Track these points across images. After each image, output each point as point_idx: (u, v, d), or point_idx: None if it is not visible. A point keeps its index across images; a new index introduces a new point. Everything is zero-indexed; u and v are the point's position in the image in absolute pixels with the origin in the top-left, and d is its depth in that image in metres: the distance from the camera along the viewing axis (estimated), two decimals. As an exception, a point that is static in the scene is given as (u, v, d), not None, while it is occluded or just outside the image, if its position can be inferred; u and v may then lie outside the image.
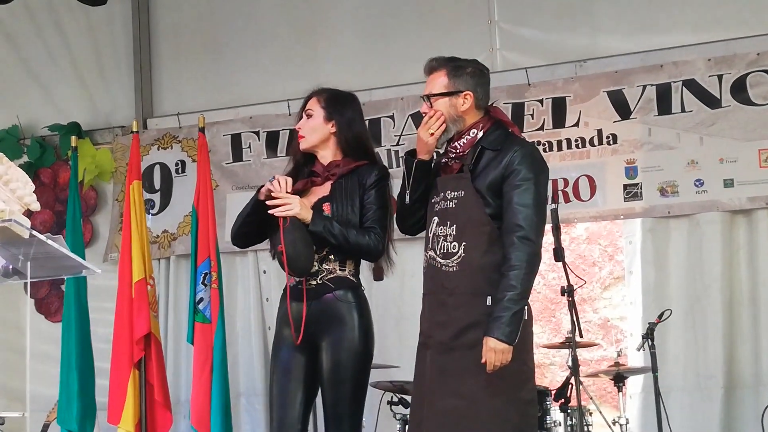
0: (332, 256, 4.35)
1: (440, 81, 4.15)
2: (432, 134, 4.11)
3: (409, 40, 6.88)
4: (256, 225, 4.49)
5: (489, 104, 4.22)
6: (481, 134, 4.11)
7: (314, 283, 4.34)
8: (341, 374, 4.27)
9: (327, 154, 4.50)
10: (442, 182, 4.15)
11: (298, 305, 4.34)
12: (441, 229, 4.06)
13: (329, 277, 4.35)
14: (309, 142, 4.48)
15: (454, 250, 4.00)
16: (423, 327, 4.14)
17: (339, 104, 4.52)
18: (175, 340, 7.02)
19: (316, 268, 4.34)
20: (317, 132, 4.47)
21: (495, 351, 3.87)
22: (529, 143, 4.21)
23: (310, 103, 4.52)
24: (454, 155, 4.14)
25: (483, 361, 3.89)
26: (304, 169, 4.55)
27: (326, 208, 4.37)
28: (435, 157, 4.22)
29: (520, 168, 3.98)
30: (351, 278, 4.39)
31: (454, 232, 4.03)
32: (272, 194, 4.32)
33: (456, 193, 4.05)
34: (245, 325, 7.01)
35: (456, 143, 4.14)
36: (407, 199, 4.23)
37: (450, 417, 3.93)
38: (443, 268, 4.04)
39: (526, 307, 3.95)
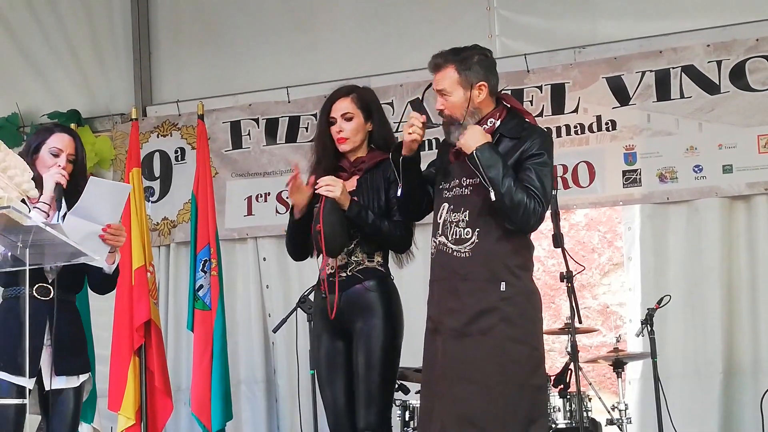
0: (360, 248, 4.46)
1: (451, 77, 4.10)
2: (414, 139, 4.13)
3: (408, 27, 6.88)
4: (301, 239, 4.61)
5: (498, 90, 4.21)
6: (498, 123, 4.11)
7: (344, 275, 4.45)
8: (372, 361, 4.37)
9: (358, 151, 4.61)
10: (457, 168, 4.14)
11: (332, 297, 4.46)
12: (453, 215, 4.06)
13: (358, 268, 4.46)
14: (354, 144, 4.57)
15: (467, 236, 4.01)
16: (432, 313, 4.13)
17: (372, 103, 4.64)
18: (175, 327, 7.03)
19: (346, 260, 4.45)
20: (360, 134, 4.58)
21: (473, 132, 3.98)
22: (547, 132, 4.29)
23: (345, 104, 4.58)
24: None
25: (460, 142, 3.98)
26: (323, 162, 4.62)
27: None
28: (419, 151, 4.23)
29: (542, 151, 4.03)
30: (380, 269, 4.49)
31: (467, 218, 4.03)
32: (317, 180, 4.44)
33: (472, 180, 4.05)
34: (245, 313, 7.01)
35: None
36: (399, 192, 4.27)
37: (463, 403, 3.93)
38: (455, 254, 4.03)
39: (497, 186, 3.92)
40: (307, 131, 6.87)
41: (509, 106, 4.20)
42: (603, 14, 6.53)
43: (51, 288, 4.21)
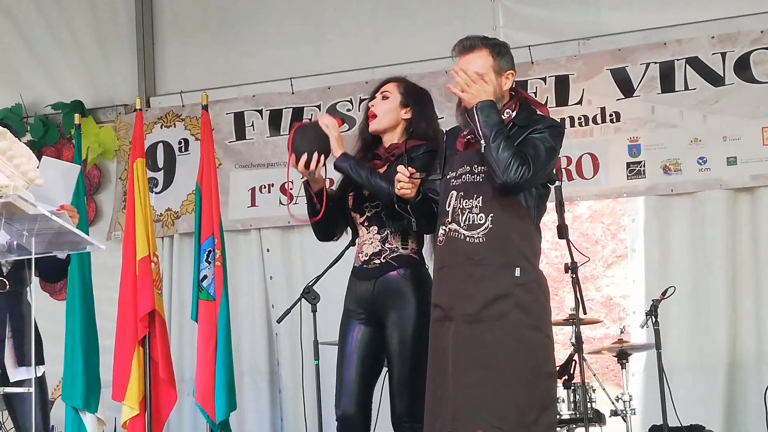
0: (394, 235, 4.45)
1: (484, 60, 4.12)
2: (405, 195, 4.17)
3: (412, 18, 6.87)
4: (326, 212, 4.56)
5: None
6: (514, 114, 4.13)
7: (378, 262, 4.46)
8: (405, 350, 4.38)
9: (393, 138, 4.58)
10: (466, 157, 4.14)
11: (363, 283, 4.48)
12: (465, 202, 4.05)
13: (392, 255, 4.46)
14: (380, 124, 4.55)
15: (481, 222, 4.00)
16: (440, 300, 4.10)
17: (420, 97, 4.62)
18: (179, 318, 7.04)
19: (380, 247, 4.45)
20: (390, 114, 4.55)
21: (478, 89, 4.00)
22: (557, 122, 4.28)
23: (388, 85, 4.60)
24: None
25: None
26: (360, 140, 4.65)
27: None
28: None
29: (544, 130, 4.05)
30: (414, 256, 4.49)
31: (480, 204, 4.02)
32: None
33: (484, 167, 4.04)
34: (249, 304, 7.02)
35: None
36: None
37: (477, 389, 3.91)
38: (467, 239, 4.02)
39: (488, 139, 3.95)
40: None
41: (523, 98, 4.23)
42: (607, 5, 6.52)
43: (6, 281, 4.22)
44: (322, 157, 4.45)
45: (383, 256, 4.46)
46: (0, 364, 4.16)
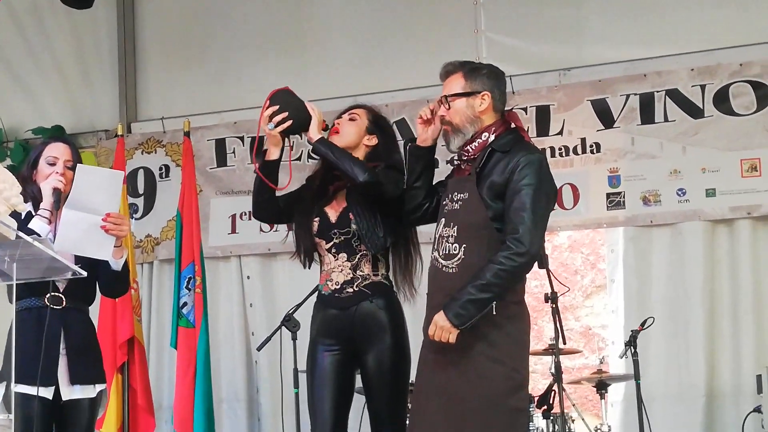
0: (365, 261, 4.40)
1: (457, 83, 4.12)
2: (420, 120, 4.19)
3: (395, 49, 6.91)
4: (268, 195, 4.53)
5: (506, 109, 4.21)
6: (492, 137, 4.08)
7: (351, 290, 4.39)
8: (384, 378, 4.35)
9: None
10: (452, 184, 4.16)
11: (335, 312, 4.40)
12: (445, 230, 4.06)
13: (365, 283, 4.40)
14: (342, 140, 4.46)
15: (455, 252, 3.99)
16: (424, 327, 4.10)
17: (386, 127, 4.59)
18: (158, 345, 7.01)
19: (351, 275, 4.39)
20: (353, 136, 4.49)
21: (437, 325, 3.90)
22: (539, 151, 4.16)
23: (357, 110, 4.57)
24: (466, 158, 4.12)
25: (430, 334, 3.93)
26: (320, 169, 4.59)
27: (351, 215, 4.41)
28: (435, 145, 4.24)
29: (524, 173, 3.95)
30: (385, 282, 4.45)
31: (455, 234, 4.01)
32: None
33: (461, 195, 4.04)
34: (228, 331, 7.00)
35: (468, 146, 4.11)
36: (404, 184, 4.30)
37: (438, 415, 3.93)
38: (443, 269, 4.03)
39: (490, 303, 3.87)
40: (292, 150, 6.85)
41: (511, 124, 4.17)
42: (588, 37, 6.58)
43: (63, 297, 4.22)
44: (291, 125, 4.41)
45: (356, 284, 4.39)
46: (53, 382, 4.14)
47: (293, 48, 7.16)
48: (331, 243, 4.45)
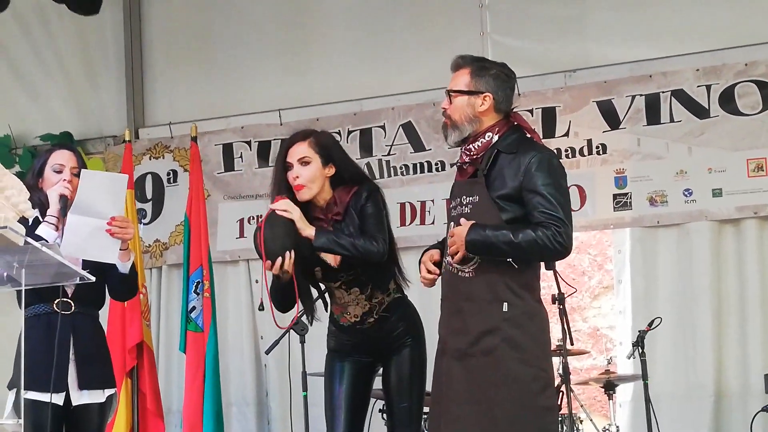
0: (375, 288, 4.44)
1: (462, 79, 4.10)
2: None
3: (401, 51, 6.92)
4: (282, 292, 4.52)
5: (510, 109, 4.16)
6: (496, 138, 4.03)
7: (372, 320, 4.46)
8: (405, 386, 4.45)
9: (322, 195, 4.46)
10: (457, 187, 4.13)
11: (358, 336, 4.49)
12: None
13: (383, 308, 4.46)
14: (311, 193, 4.41)
15: (471, 256, 3.96)
16: (441, 333, 4.10)
17: (332, 147, 4.50)
18: (167, 349, 7.03)
19: (368, 306, 4.44)
20: (317, 181, 4.41)
21: (458, 235, 3.91)
22: (548, 149, 4.12)
23: (301, 149, 4.42)
24: (468, 158, 4.08)
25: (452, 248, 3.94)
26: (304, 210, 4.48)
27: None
28: None
29: (539, 174, 3.91)
30: (398, 295, 4.50)
31: None
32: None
33: (471, 199, 4.00)
34: (237, 335, 7.02)
35: (471, 145, 4.06)
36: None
37: (466, 423, 3.90)
38: (459, 273, 4.00)
39: (504, 259, 3.88)
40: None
41: (515, 123, 4.13)
42: (593, 38, 6.58)
43: (71, 302, 4.24)
44: (293, 251, 4.31)
45: (374, 312, 4.45)
46: (63, 387, 4.16)
47: (299, 52, 7.18)
48: (340, 282, 4.48)
